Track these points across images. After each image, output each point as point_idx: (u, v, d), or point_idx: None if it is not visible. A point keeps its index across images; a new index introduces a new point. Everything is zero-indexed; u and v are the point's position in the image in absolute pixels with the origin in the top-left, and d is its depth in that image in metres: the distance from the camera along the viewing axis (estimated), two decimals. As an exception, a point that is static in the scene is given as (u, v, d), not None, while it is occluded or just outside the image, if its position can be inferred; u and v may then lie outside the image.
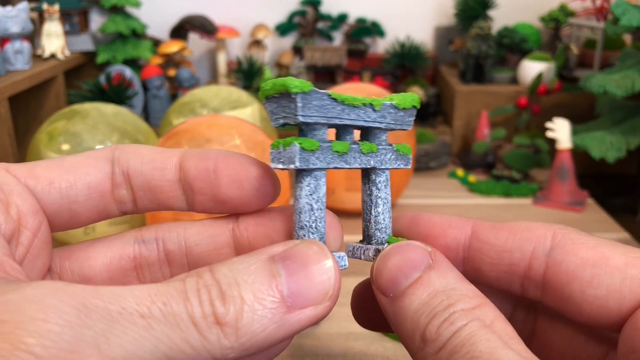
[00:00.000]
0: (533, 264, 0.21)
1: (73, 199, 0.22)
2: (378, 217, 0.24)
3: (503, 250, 0.22)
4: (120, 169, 0.23)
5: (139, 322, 0.16)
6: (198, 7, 1.23)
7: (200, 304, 0.17)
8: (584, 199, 0.83)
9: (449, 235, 0.23)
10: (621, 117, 0.89)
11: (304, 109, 0.20)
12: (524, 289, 0.22)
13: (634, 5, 0.79)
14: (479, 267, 0.22)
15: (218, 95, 0.84)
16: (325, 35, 1.25)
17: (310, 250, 0.19)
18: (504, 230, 0.22)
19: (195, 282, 0.18)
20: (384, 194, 0.24)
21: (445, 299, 0.19)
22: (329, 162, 0.21)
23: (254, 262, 0.19)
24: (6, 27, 0.89)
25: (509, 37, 1.11)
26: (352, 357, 0.50)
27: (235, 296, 0.17)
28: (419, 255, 0.20)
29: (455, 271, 0.20)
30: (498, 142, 0.98)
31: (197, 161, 0.23)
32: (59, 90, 1.02)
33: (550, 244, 0.21)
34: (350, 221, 0.79)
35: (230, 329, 0.17)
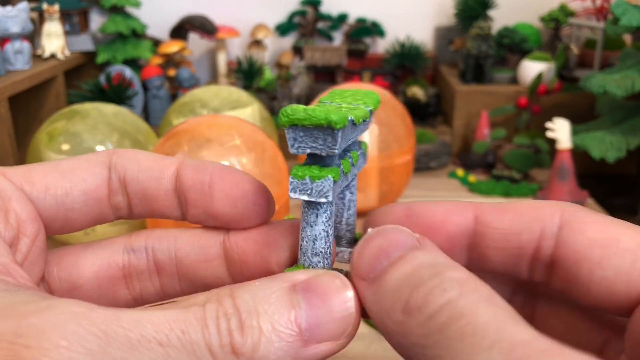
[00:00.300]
0: (542, 245, 0.20)
1: (69, 206, 0.22)
2: (350, 219, 0.24)
3: (509, 233, 0.21)
4: (117, 174, 0.23)
5: (158, 350, 0.16)
6: (198, 7, 1.22)
7: (218, 333, 0.17)
8: (584, 199, 0.83)
9: (451, 223, 0.21)
10: (621, 117, 0.89)
11: (342, 142, 0.20)
12: (532, 271, 0.21)
13: (634, 5, 0.79)
14: (485, 253, 0.21)
15: (218, 95, 0.84)
16: (325, 35, 1.25)
17: (333, 284, 0.19)
18: (509, 211, 0.21)
19: (215, 309, 0.18)
20: (355, 197, 0.24)
21: (433, 269, 0.17)
22: (342, 185, 0.21)
23: (276, 289, 0.18)
24: (6, 27, 0.89)
25: (509, 37, 1.11)
26: (351, 357, 0.50)
27: (254, 326, 0.17)
28: (404, 237, 0.19)
29: (445, 254, 0.19)
30: (498, 142, 0.98)
31: (194, 173, 0.23)
32: (59, 90, 1.02)
33: (558, 223, 0.20)
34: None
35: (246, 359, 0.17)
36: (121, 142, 0.71)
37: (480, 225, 0.21)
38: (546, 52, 1.08)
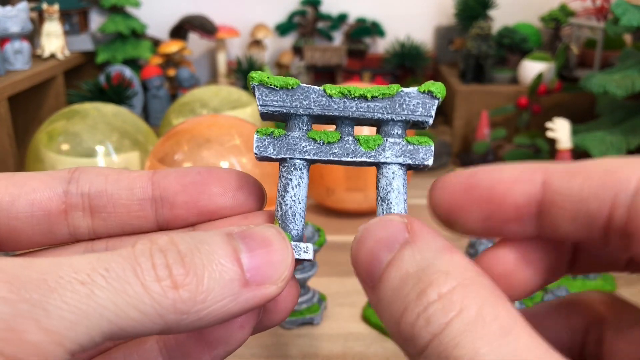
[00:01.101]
0: (615, 214, 0.18)
1: (13, 215, 0.21)
2: (381, 215, 0.23)
3: (579, 200, 0.18)
4: (78, 189, 0.22)
5: (80, 289, 0.15)
6: (198, 7, 1.22)
7: (153, 267, 0.16)
8: (584, 199, 0.83)
9: (518, 192, 0.19)
10: (621, 117, 0.89)
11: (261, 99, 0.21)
12: (608, 241, 0.18)
13: (634, 5, 0.79)
14: (555, 223, 0.19)
15: (218, 95, 0.84)
16: (325, 35, 1.25)
17: (268, 231, 0.19)
18: (580, 175, 0.18)
19: (148, 247, 0.17)
20: (394, 187, 0.22)
21: (417, 282, 0.16)
22: (302, 150, 0.22)
23: (214, 235, 0.18)
24: (6, 27, 0.89)
25: (509, 37, 1.11)
26: (352, 357, 0.50)
27: (197, 262, 0.17)
28: (393, 231, 0.19)
29: (437, 241, 0.18)
30: (498, 142, 0.98)
31: (180, 177, 0.23)
32: (59, 90, 1.02)
33: (634, 189, 0.17)
34: (351, 221, 0.79)
35: (188, 293, 0.16)
36: (121, 142, 0.71)
37: (549, 191, 0.19)
38: (546, 52, 1.08)
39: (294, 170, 0.22)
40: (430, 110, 0.22)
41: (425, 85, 0.22)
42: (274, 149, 0.22)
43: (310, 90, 0.22)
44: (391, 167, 0.22)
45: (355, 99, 0.22)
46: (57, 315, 0.15)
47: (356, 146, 0.22)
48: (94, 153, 0.69)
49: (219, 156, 0.58)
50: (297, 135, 0.22)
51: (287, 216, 0.22)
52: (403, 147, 0.22)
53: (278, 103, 0.21)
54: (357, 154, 0.22)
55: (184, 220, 0.23)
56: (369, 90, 0.22)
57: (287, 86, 0.21)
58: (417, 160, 0.22)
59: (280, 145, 0.22)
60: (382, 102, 0.22)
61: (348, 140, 0.22)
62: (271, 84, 0.21)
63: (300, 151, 0.22)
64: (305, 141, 0.22)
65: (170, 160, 0.58)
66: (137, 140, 0.73)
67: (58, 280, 0.15)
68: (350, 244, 0.20)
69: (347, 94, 0.22)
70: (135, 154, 0.72)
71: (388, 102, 0.22)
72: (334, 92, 0.22)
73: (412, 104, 0.22)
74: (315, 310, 0.55)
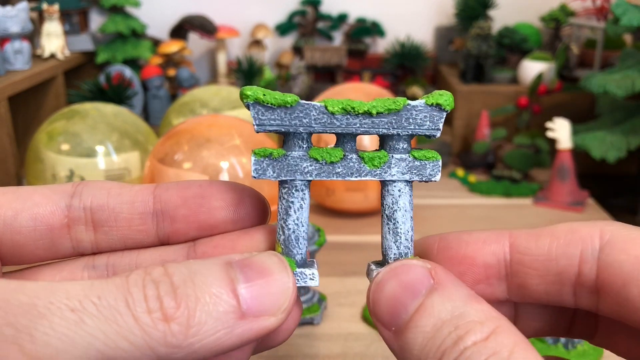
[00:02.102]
0: (583, 270, 0.19)
1: (16, 229, 0.21)
2: (398, 233, 0.22)
3: (548, 259, 0.19)
4: (81, 203, 0.22)
5: (69, 316, 0.15)
6: (198, 6, 1.22)
7: (145, 299, 0.16)
8: (585, 199, 0.83)
9: (486, 253, 0.21)
10: (622, 117, 0.89)
11: (257, 119, 0.20)
12: (578, 298, 0.20)
13: (634, 5, 0.79)
14: (525, 282, 0.20)
15: (218, 95, 0.84)
16: (325, 35, 1.25)
17: (269, 260, 0.19)
18: (545, 236, 0.20)
19: (141, 277, 0.17)
20: (401, 206, 0.21)
21: (454, 330, 0.17)
22: (304, 171, 0.20)
23: (212, 264, 0.18)
24: (6, 27, 0.89)
25: (509, 37, 1.11)
26: (352, 357, 0.50)
27: (190, 294, 0.17)
28: (418, 276, 0.19)
29: (462, 288, 0.18)
30: (498, 142, 0.98)
31: (181, 190, 0.22)
32: (59, 90, 1.02)
33: (598, 244, 0.19)
34: (351, 221, 0.79)
35: (179, 327, 0.16)
36: (121, 142, 0.71)
37: (516, 252, 0.20)
38: (546, 52, 1.08)
39: (295, 192, 0.21)
40: (438, 124, 0.21)
41: (433, 97, 0.21)
42: (274, 171, 0.20)
43: (310, 107, 0.20)
44: (397, 185, 0.21)
45: (359, 115, 0.20)
46: (43, 342, 0.14)
47: (360, 164, 0.21)
48: (94, 153, 0.69)
49: (219, 156, 0.58)
50: (298, 155, 0.20)
51: (290, 241, 0.21)
52: (409, 164, 0.21)
53: (276, 122, 0.20)
54: (361, 172, 0.21)
55: (184, 235, 0.22)
56: (373, 106, 0.20)
57: (285, 104, 0.20)
58: (424, 176, 0.21)
59: (280, 167, 0.20)
60: (387, 117, 0.20)
61: (352, 159, 0.21)
62: (268, 102, 0.20)
63: (301, 172, 0.20)
64: (306, 161, 0.20)
65: (170, 160, 0.58)
66: (137, 140, 0.73)
67: (48, 305, 0.15)
68: (351, 244, 0.20)
69: (350, 110, 0.20)
70: (135, 154, 0.72)
71: (394, 117, 0.20)
72: (336, 109, 0.20)
73: (419, 118, 0.20)
74: (315, 310, 0.55)
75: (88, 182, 0.23)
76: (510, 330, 0.17)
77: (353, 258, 0.65)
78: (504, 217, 0.80)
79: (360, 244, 0.70)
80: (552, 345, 0.49)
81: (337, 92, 0.79)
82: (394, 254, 0.22)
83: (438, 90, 0.21)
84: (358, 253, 0.67)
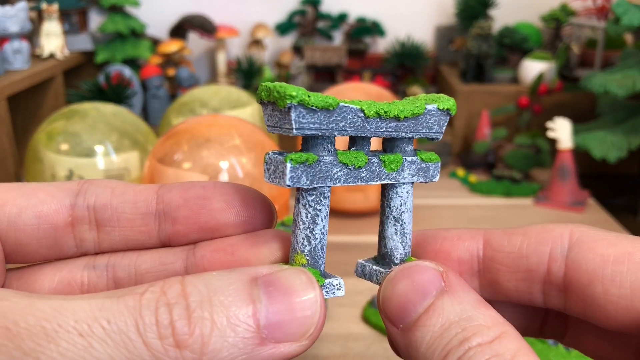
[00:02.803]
0: (552, 268, 0.19)
1: (20, 227, 0.21)
2: (405, 234, 0.22)
3: (518, 256, 0.20)
4: (85, 202, 0.22)
5: (78, 341, 0.15)
6: (197, 6, 1.22)
7: (156, 324, 0.15)
8: (585, 199, 0.83)
9: (461, 248, 0.21)
10: (622, 117, 0.89)
11: (297, 122, 0.19)
12: (546, 297, 0.20)
13: (635, 5, 0.79)
14: (496, 279, 0.21)
15: (217, 95, 0.84)
16: (325, 34, 1.25)
17: (297, 279, 0.18)
18: (517, 235, 0.20)
19: (154, 298, 0.16)
20: (408, 207, 0.22)
21: (460, 331, 0.17)
22: (333, 177, 0.20)
23: (235, 281, 0.17)
24: (5, 27, 0.89)
25: (509, 36, 1.11)
26: (352, 357, 0.50)
27: (206, 318, 0.16)
28: (430, 278, 0.19)
29: (471, 293, 0.19)
30: (499, 142, 0.98)
31: (183, 191, 0.22)
32: (58, 90, 1.01)
33: (567, 244, 0.19)
34: (351, 221, 0.79)
35: (192, 354, 0.15)
36: (120, 142, 0.71)
37: (490, 249, 0.21)
38: (547, 52, 1.08)
39: (323, 200, 0.20)
40: (443, 127, 0.22)
41: (443, 102, 0.21)
42: (307, 178, 0.19)
43: (348, 110, 0.20)
44: (406, 187, 0.22)
45: (388, 120, 0.20)
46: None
47: (380, 168, 0.21)
48: (94, 153, 0.69)
49: (218, 156, 0.58)
50: (329, 161, 0.20)
51: (316, 251, 0.20)
52: (418, 166, 0.22)
53: (315, 125, 0.19)
54: (381, 176, 0.21)
55: (185, 237, 0.22)
56: (402, 110, 0.21)
57: (329, 107, 0.19)
58: (427, 177, 0.22)
59: (314, 174, 0.19)
60: (408, 122, 0.21)
61: (374, 163, 0.21)
62: (312, 104, 0.19)
63: (332, 178, 0.20)
64: (336, 167, 0.20)
65: (170, 160, 0.58)
66: (137, 140, 0.72)
67: (56, 329, 0.15)
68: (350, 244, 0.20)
69: (382, 114, 0.20)
70: (134, 154, 0.72)
71: (413, 121, 0.21)
72: (372, 112, 0.20)
73: (430, 122, 0.21)
74: (315, 310, 0.54)
75: (93, 180, 0.22)
76: (516, 336, 0.17)
77: (353, 258, 0.65)
78: (505, 217, 0.80)
79: (360, 244, 0.69)
80: (552, 346, 0.49)
81: (337, 92, 0.79)
82: (400, 254, 0.22)
83: (437, 94, 0.22)
84: (358, 253, 0.66)
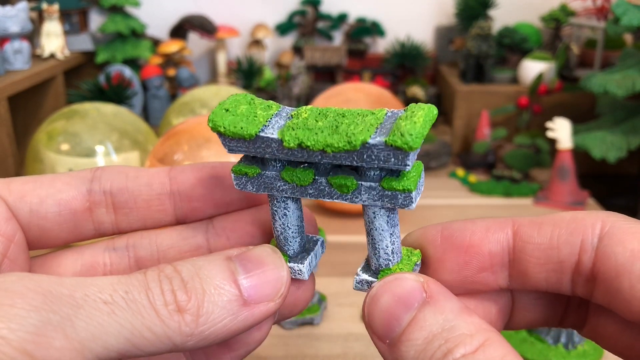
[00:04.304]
0: (582, 258, 0.19)
1: (42, 215, 0.23)
2: (376, 248, 0.22)
3: (549, 248, 0.20)
4: (101, 187, 0.24)
5: (103, 308, 0.17)
6: (198, 6, 1.22)
7: (162, 293, 0.18)
8: (585, 199, 0.83)
9: (492, 241, 0.21)
10: (622, 117, 0.89)
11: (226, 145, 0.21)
12: (574, 285, 0.20)
13: (634, 5, 0.79)
14: (525, 269, 0.21)
15: (218, 95, 0.84)
16: (325, 35, 1.25)
17: (264, 252, 0.21)
18: (547, 225, 0.20)
19: (156, 274, 0.19)
20: (377, 226, 0.21)
21: (444, 343, 0.17)
22: (279, 189, 0.21)
23: (214, 259, 0.20)
24: (5, 27, 0.89)
25: (509, 36, 1.11)
26: (352, 357, 0.50)
27: (197, 287, 0.19)
28: (410, 290, 0.19)
29: (454, 301, 0.19)
30: (498, 142, 0.98)
31: (196, 172, 0.24)
32: (59, 90, 1.02)
33: (598, 234, 0.19)
34: (351, 221, 0.79)
35: (190, 317, 0.18)
36: (121, 142, 0.71)
37: (519, 240, 0.21)
38: (547, 52, 1.08)
39: (277, 203, 0.22)
40: (405, 160, 0.19)
41: (393, 136, 0.18)
42: (253, 186, 0.22)
43: (269, 141, 0.20)
44: (372, 208, 0.21)
45: (317, 152, 0.20)
46: (82, 328, 0.16)
47: (330, 189, 0.21)
48: (94, 153, 0.69)
49: (218, 156, 0.58)
50: (272, 175, 0.21)
51: (280, 240, 0.23)
52: (380, 193, 0.20)
53: (243, 149, 0.21)
54: (332, 196, 0.21)
55: (202, 212, 0.24)
56: (328, 145, 0.19)
57: (244, 137, 0.20)
58: (396, 205, 0.20)
59: (258, 184, 0.22)
60: (347, 154, 0.19)
61: (322, 183, 0.21)
62: (227, 135, 0.20)
63: (277, 189, 0.21)
64: (279, 181, 0.21)
65: (170, 160, 0.58)
66: (137, 140, 0.73)
67: (85, 298, 0.17)
68: (350, 244, 0.20)
69: (305, 147, 0.20)
70: (135, 154, 0.72)
71: (354, 154, 0.19)
72: (292, 144, 0.20)
73: (381, 155, 0.19)
74: (315, 310, 0.55)
75: (105, 167, 0.24)
76: (500, 342, 0.17)
77: (353, 258, 0.65)
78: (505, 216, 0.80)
79: (360, 244, 0.70)
80: (552, 345, 0.49)
81: (337, 92, 0.79)
82: (374, 264, 0.22)
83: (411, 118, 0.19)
84: (358, 253, 0.66)
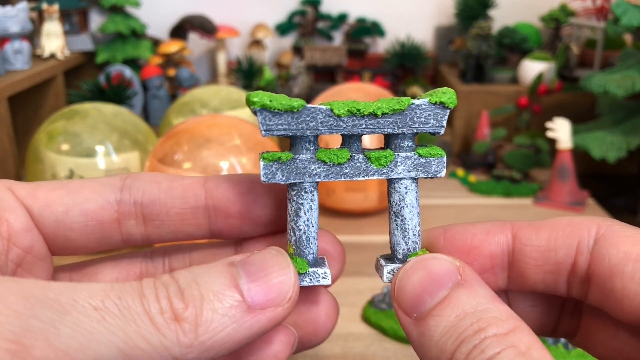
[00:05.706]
0: (578, 260, 0.20)
1: (68, 225, 0.22)
2: (406, 229, 0.22)
3: (547, 250, 0.21)
4: (131, 197, 0.22)
5: (93, 314, 0.16)
6: (198, 6, 1.22)
7: (157, 300, 0.17)
8: (585, 199, 0.83)
9: (492, 243, 0.22)
10: (622, 117, 0.89)
11: (264, 124, 0.20)
12: (570, 287, 0.21)
13: (634, 5, 0.79)
14: (523, 271, 0.21)
15: (218, 95, 0.84)
16: (325, 35, 1.25)
17: (268, 254, 0.20)
18: (545, 228, 0.21)
19: (152, 281, 0.18)
20: (407, 203, 0.22)
21: (476, 321, 0.17)
22: (312, 174, 0.21)
23: (215, 266, 0.19)
24: (6, 27, 0.89)
25: (509, 36, 1.11)
26: (352, 357, 0.50)
27: (195, 294, 0.17)
28: (446, 270, 0.19)
29: (487, 289, 0.19)
30: (498, 142, 0.98)
31: (233, 186, 0.23)
32: (59, 90, 1.02)
33: (594, 237, 0.20)
34: (351, 221, 0.79)
35: (189, 326, 0.17)
36: (121, 142, 0.71)
37: (519, 242, 0.21)
38: (546, 52, 1.08)
39: (304, 194, 0.21)
40: (442, 121, 0.21)
41: (436, 96, 0.21)
42: (283, 174, 0.20)
43: (316, 111, 0.20)
44: (404, 182, 0.21)
45: (365, 117, 0.20)
46: (68, 336, 0.15)
47: (367, 164, 0.21)
48: (94, 153, 0.69)
49: (219, 156, 0.58)
50: (306, 158, 0.21)
51: (301, 241, 0.21)
52: (415, 161, 0.21)
53: (283, 127, 0.20)
54: (368, 172, 0.21)
55: (239, 229, 0.23)
56: (378, 107, 0.20)
57: (292, 109, 0.20)
58: (429, 173, 0.22)
59: (289, 171, 0.21)
60: (392, 117, 0.21)
61: (359, 159, 0.21)
62: (275, 108, 0.20)
63: (310, 174, 0.21)
64: (314, 164, 0.21)
65: (170, 160, 0.58)
66: (137, 140, 0.73)
67: (72, 303, 0.16)
68: (350, 244, 0.20)
69: (356, 112, 0.20)
70: (135, 154, 0.72)
71: (399, 117, 0.21)
72: (342, 111, 0.20)
73: (423, 117, 0.21)
74: (315, 310, 0.54)
75: (137, 174, 0.23)
76: (529, 331, 0.17)
77: (353, 258, 0.65)
78: (504, 217, 0.80)
79: (360, 244, 0.70)
80: (552, 345, 0.49)
81: (337, 92, 0.79)
82: (403, 249, 0.22)
83: (441, 88, 0.21)
84: (358, 253, 0.66)
